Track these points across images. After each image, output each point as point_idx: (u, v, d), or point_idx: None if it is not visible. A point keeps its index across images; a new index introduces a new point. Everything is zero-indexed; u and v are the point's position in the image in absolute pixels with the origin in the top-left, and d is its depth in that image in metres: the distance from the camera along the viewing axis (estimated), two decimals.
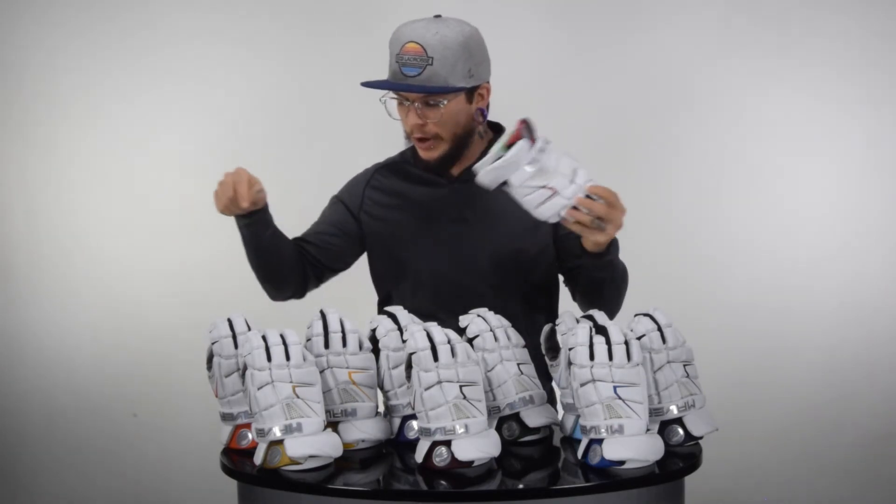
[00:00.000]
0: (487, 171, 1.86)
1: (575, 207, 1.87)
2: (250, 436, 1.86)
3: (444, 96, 2.08)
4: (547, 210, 1.87)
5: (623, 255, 2.41)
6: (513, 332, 1.95)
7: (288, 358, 1.76)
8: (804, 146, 3.54)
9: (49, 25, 3.59)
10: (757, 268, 3.54)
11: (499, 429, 1.89)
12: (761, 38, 3.52)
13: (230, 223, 3.71)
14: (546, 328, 1.97)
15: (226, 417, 1.90)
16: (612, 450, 1.70)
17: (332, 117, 3.60)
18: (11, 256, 3.64)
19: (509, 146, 1.84)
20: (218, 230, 3.59)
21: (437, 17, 2.11)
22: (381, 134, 3.60)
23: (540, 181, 1.85)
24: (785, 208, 3.54)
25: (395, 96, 2.13)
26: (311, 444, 1.71)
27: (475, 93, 2.14)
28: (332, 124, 3.61)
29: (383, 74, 2.15)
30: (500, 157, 1.84)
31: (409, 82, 2.06)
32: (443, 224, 2.20)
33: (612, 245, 2.01)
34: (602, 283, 2.06)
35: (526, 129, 1.86)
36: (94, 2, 3.60)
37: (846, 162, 3.53)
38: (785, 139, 3.54)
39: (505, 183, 1.86)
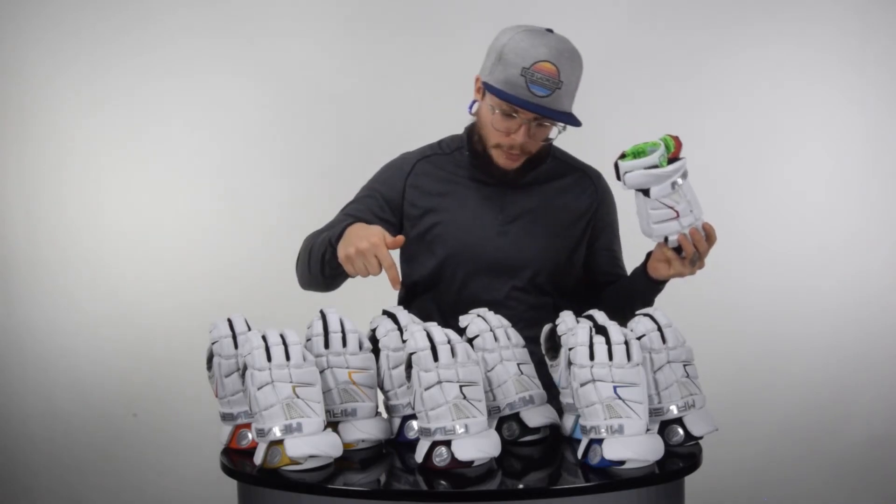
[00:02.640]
0: (641, 174, 1.87)
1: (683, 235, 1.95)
2: (250, 436, 1.87)
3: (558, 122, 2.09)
4: (662, 229, 1.93)
5: (629, 262, 2.41)
6: (513, 332, 1.95)
7: (288, 358, 1.76)
8: (804, 145, 3.54)
9: (47, 25, 3.59)
10: (757, 268, 3.54)
11: (499, 429, 1.89)
12: (763, 33, 3.53)
13: (230, 223, 3.73)
14: (546, 328, 1.97)
15: (226, 417, 1.90)
16: (612, 450, 1.70)
17: (333, 116, 3.60)
18: (11, 256, 3.64)
19: (671, 160, 1.87)
20: (218, 230, 3.62)
21: (549, 31, 2.08)
22: (377, 132, 3.61)
23: (671, 201, 1.90)
24: (785, 208, 3.55)
25: (507, 109, 2.06)
26: (311, 444, 1.71)
27: None
28: (332, 122, 3.61)
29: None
30: (655, 166, 1.86)
31: (537, 102, 2.02)
32: (488, 220, 2.19)
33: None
34: (642, 301, 2.14)
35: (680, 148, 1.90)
36: (92, 1, 3.60)
37: (847, 161, 3.53)
38: (785, 138, 3.54)
39: (644, 192, 1.89)
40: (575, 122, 2.07)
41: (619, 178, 1.91)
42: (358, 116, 3.59)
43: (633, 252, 2.29)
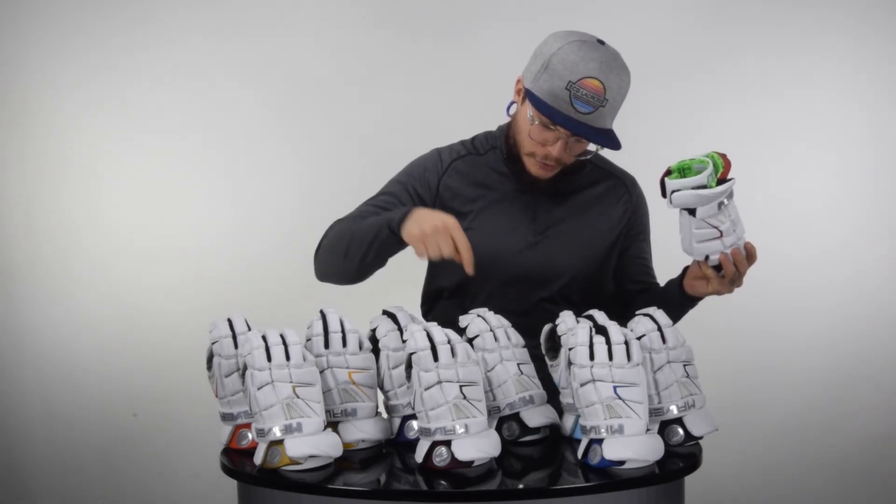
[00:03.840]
0: (689, 195, 1.82)
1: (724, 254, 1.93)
2: (250, 436, 1.87)
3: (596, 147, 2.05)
4: (705, 248, 1.91)
5: (659, 271, 2.40)
6: (513, 332, 1.95)
7: (288, 358, 1.76)
8: (805, 144, 3.54)
9: (47, 25, 3.59)
10: (757, 267, 3.53)
11: (499, 429, 1.89)
12: (763, 34, 3.53)
13: (231, 223, 3.73)
14: (546, 328, 1.97)
15: (226, 417, 1.90)
16: (612, 450, 1.70)
17: (336, 117, 3.60)
18: (11, 256, 3.64)
19: (721, 181, 1.83)
20: (218, 230, 3.62)
21: (601, 42, 2.01)
22: (381, 134, 3.61)
23: (716, 221, 1.87)
24: (785, 207, 3.54)
25: (547, 121, 2.00)
26: (311, 444, 1.71)
27: None
28: (335, 124, 3.61)
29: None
30: (704, 186, 1.81)
31: (579, 119, 1.97)
32: (521, 230, 2.15)
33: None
34: (675, 316, 2.08)
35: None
36: (92, 1, 3.60)
37: (847, 161, 3.53)
38: (785, 138, 3.54)
39: (689, 211, 1.85)
40: (613, 145, 2.01)
41: (664, 195, 1.86)
42: (362, 118, 3.59)
43: (662, 261, 2.28)
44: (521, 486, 1.75)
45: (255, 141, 3.62)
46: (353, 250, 2.01)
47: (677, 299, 2.11)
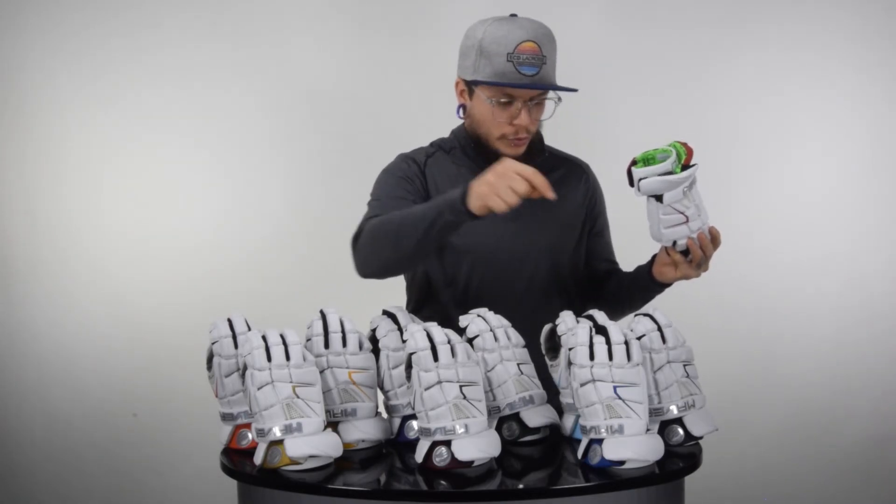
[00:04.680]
0: (656, 181, 1.88)
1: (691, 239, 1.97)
2: (250, 436, 1.87)
3: (551, 94, 2.13)
4: (672, 233, 1.95)
5: (622, 255, 2.44)
6: (513, 332, 1.95)
7: (288, 358, 1.76)
8: (805, 145, 3.54)
9: (47, 26, 3.59)
10: (757, 268, 3.54)
11: (499, 429, 1.89)
12: (763, 36, 3.53)
13: (231, 223, 3.72)
14: (546, 328, 1.97)
15: (226, 417, 1.90)
16: (612, 450, 1.70)
17: (334, 118, 3.60)
18: (11, 257, 3.64)
19: (685, 167, 1.89)
20: (218, 230, 3.62)
21: (514, 16, 2.13)
22: (379, 135, 3.61)
23: (681, 206, 1.92)
24: (786, 208, 3.54)
25: (503, 97, 2.10)
26: (311, 444, 1.71)
27: None
28: (333, 125, 3.61)
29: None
30: (669, 173, 1.88)
31: (528, 81, 2.07)
32: (498, 215, 2.14)
33: None
34: (642, 300, 2.18)
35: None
36: (92, 1, 3.60)
37: (848, 161, 3.53)
38: (785, 139, 3.54)
39: (656, 198, 1.91)
40: (572, 89, 2.09)
41: (631, 184, 1.91)
42: (359, 119, 3.59)
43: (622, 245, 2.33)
44: (521, 486, 1.75)
45: (255, 141, 3.62)
46: (405, 239, 1.98)
47: (645, 284, 2.14)
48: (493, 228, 2.18)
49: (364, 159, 3.44)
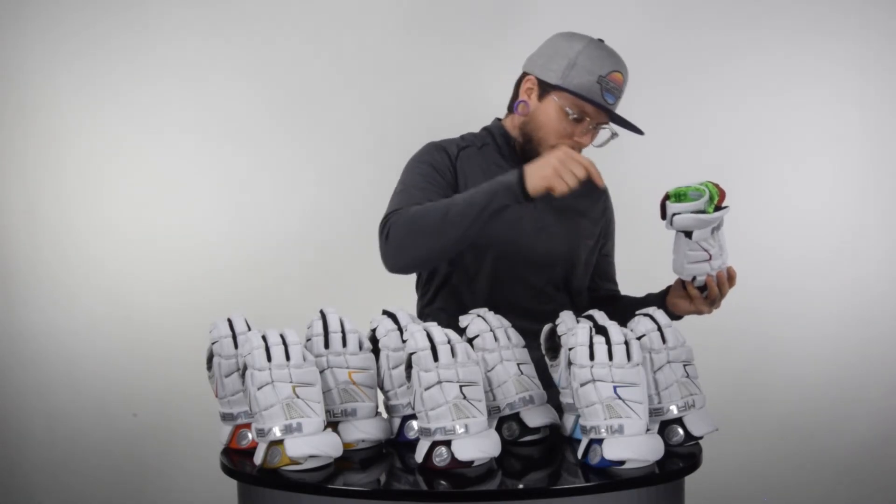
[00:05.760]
0: (690, 218, 1.95)
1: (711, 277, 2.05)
2: (250, 436, 1.87)
3: (614, 133, 2.22)
4: (694, 269, 2.04)
5: (622, 255, 2.45)
6: (513, 332, 1.95)
7: (288, 358, 1.76)
8: (805, 146, 3.53)
9: (47, 25, 3.59)
10: (757, 268, 3.53)
11: (499, 429, 1.89)
12: (762, 38, 3.52)
13: (231, 223, 3.72)
14: (546, 328, 1.97)
15: (226, 417, 1.90)
16: (612, 450, 1.70)
17: (336, 117, 3.60)
18: (11, 257, 3.64)
19: (718, 208, 1.96)
20: (219, 230, 3.62)
21: (601, 41, 2.20)
22: (381, 134, 3.61)
23: (707, 244, 2.00)
24: (786, 208, 3.54)
25: (579, 114, 2.16)
26: (311, 444, 1.71)
27: None
28: (336, 124, 3.60)
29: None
30: (703, 212, 1.94)
31: (609, 108, 2.16)
32: (529, 210, 2.21)
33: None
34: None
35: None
36: (92, 1, 3.60)
37: (848, 162, 3.53)
38: (786, 140, 3.54)
39: (686, 233, 1.98)
40: (640, 131, 2.16)
41: (663, 217, 1.98)
42: (362, 118, 3.59)
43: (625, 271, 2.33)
44: (521, 486, 1.75)
45: (255, 141, 3.62)
46: (452, 227, 1.97)
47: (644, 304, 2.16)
48: (523, 226, 2.21)
49: (364, 160, 3.45)
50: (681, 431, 1.84)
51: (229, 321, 1.91)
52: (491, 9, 3.57)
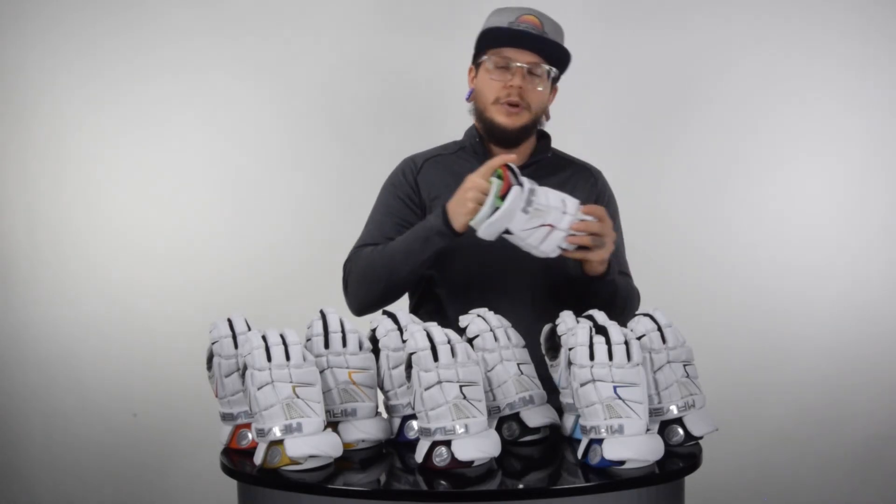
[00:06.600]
0: (489, 225, 1.89)
1: (571, 235, 1.93)
2: (250, 436, 1.87)
3: (550, 69, 2.17)
4: (549, 245, 1.93)
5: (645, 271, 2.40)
6: (513, 332, 1.95)
7: (288, 358, 1.75)
8: (806, 148, 3.53)
9: (47, 25, 3.59)
10: (757, 268, 3.54)
11: (499, 429, 1.89)
12: (764, 39, 3.52)
13: (231, 223, 3.72)
14: (546, 328, 1.97)
15: (226, 417, 1.90)
16: (612, 450, 1.70)
17: (337, 116, 3.60)
18: (11, 257, 3.64)
19: (502, 196, 1.88)
20: (219, 230, 3.62)
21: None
22: (383, 133, 3.61)
23: (537, 221, 1.90)
24: (786, 209, 3.54)
25: (501, 61, 2.15)
26: (311, 444, 1.71)
27: (554, 85, 2.24)
28: (336, 123, 3.60)
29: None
30: (496, 209, 1.87)
31: (523, 33, 2.14)
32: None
33: (610, 265, 2.08)
34: (611, 298, 2.14)
35: (512, 176, 1.90)
36: (92, 1, 3.60)
37: (848, 164, 3.53)
38: (787, 141, 3.54)
39: (506, 231, 1.90)
40: (564, 53, 2.15)
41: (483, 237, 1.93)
42: (363, 117, 3.58)
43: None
44: (521, 486, 1.75)
45: (255, 142, 3.62)
46: (400, 266, 2.08)
47: (587, 284, 2.12)
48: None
49: (365, 160, 3.44)
50: (681, 431, 1.84)
51: (229, 321, 1.91)
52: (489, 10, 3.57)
